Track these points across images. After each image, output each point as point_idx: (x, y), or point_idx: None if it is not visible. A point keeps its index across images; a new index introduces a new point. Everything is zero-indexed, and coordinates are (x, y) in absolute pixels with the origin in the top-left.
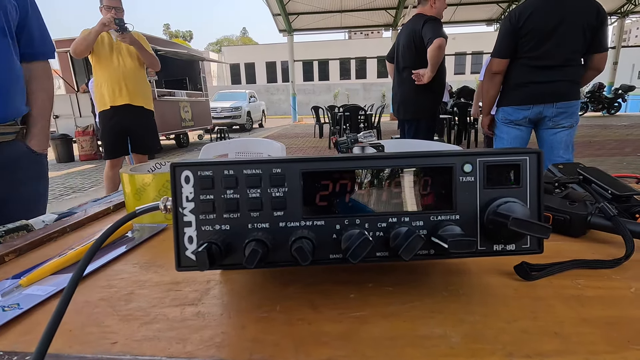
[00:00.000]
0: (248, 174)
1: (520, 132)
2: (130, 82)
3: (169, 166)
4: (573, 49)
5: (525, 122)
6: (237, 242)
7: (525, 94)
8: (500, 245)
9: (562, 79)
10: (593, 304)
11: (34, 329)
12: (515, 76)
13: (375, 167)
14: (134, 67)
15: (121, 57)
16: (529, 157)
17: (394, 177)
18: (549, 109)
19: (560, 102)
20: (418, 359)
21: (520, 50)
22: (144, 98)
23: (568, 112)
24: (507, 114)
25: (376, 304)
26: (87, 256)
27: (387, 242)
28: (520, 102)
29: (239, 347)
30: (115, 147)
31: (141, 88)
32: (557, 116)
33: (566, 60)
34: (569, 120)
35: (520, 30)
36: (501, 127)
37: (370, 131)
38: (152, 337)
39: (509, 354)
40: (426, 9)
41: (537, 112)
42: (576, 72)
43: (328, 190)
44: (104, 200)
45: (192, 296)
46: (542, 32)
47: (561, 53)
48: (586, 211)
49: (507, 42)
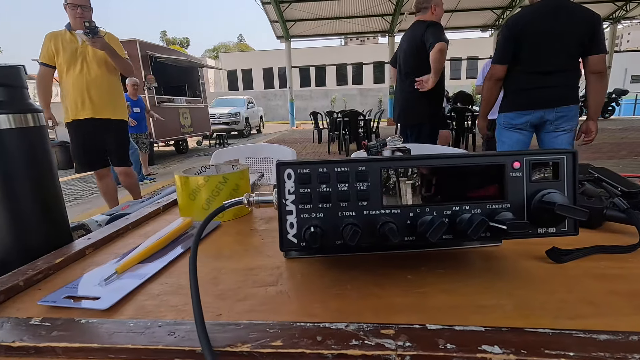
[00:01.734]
0: (338, 171)
1: (522, 137)
2: (96, 92)
3: (275, 165)
4: (569, 55)
5: (527, 126)
6: (329, 227)
7: (526, 99)
8: (544, 228)
9: (560, 84)
10: (617, 280)
11: (142, 305)
12: (515, 82)
13: (441, 165)
14: (101, 75)
15: (86, 64)
16: (566, 156)
17: (457, 173)
18: (550, 113)
19: (560, 106)
20: (481, 321)
21: (519, 56)
22: (112, 108)
23: (568, 115)
24: (509, 119)
25: (433, 282)
26: (199, 231)
27: (452, 227)
28: (522, 107)
29: (327, 315)
30: (82, 160)
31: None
32: (557, 120)
33: (563, 66)
34: (569, 123)
35: (518, 38)
36: (503, 132)
37: (397, 136)
38: (250, 310)
39: (555, 317)
40: (427, 15)
41: (539, 117)
42: (574, 77)
43: (402, 184)
44: (150, 201)
45: (269, 279)
46: (538, 39)
47: (558, 59)
48: (602, 205)
49: (505, 49)
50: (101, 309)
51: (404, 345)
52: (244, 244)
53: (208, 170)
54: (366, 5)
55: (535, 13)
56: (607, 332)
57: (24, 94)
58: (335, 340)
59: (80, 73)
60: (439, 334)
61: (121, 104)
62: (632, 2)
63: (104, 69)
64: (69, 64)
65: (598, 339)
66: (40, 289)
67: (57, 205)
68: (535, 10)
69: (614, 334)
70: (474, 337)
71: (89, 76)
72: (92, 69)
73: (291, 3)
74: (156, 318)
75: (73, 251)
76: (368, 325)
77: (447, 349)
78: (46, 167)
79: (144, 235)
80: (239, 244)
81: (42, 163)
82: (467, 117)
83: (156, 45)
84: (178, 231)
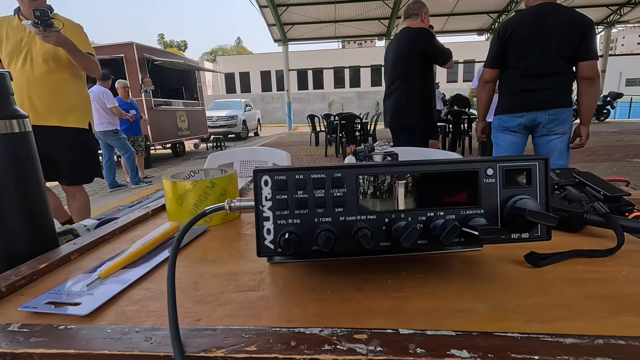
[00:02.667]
0: (315, 177)
1: (516, 139)
2: (37, 94)
3: (252, 172)
4: (561, 59)
5: (520, 129)
6: (305, 233)
7: (518, 101)
8: (517, 234)
9: (552, 87)
10: (592, 284)
11: (123, 310)
12: (508, 85)
13: (416, 171)
14: (46, 72)
15: (30, 58)
16: (538, 163)
17: (431, 179)
18: (542, 115)
19: (551, 109)
20: (456, 325)
21: (510, 60)
22: (60, 114)
23: (560, 119)
24: (502, 122)
25: (412, 286)
26: (178, 238)
27: (426, 232)
28: (514, 110)
29: (305, 320)
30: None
31: (56, 101)
32: (549, 123)
33: (554, 69)
34: (562, 127)
35: (508, 42)
36: (497, 134)
37: (385, 141)
38: (230, 315)
39: (528, 320)
40: (416, 22)
41: (531, 119)
42: (565, 81)
43: (378, 190)
44: (139, 205)
45: (251, 284)
46: (528, 43)
47: (548, 62)
48: (582, 209)
49: (496, 54)
50: (81, 314)
51: (375, 350)
52: (229, 249)
53: (197, 174)
54: (363, 9)
55: (527, 17)
56: (574, 336)
57: (10, 100)
58: (308, 345)
59: (22, 68)
60: (410, 338)
61: (79, 109)
62: (625, 6)
63: (53, 66)
64: (10, 57)
65: (564, 342)
66: (23, 295)
67: (42, 211)
68: (527, 14)
69: (580, 338)
70: (444, 341)
71: (31, 73)
72: (37, 64)
73: (288, 7)
74: (135, 324)
75: (58, 256)
76: (342, 330)
77: (416, 353)
78: (32, 173)
79: (131, 240)
80: (224, 248)
81: (28, 169)
82: (464, 120)
83: (153, 48)
84: (165, 236)
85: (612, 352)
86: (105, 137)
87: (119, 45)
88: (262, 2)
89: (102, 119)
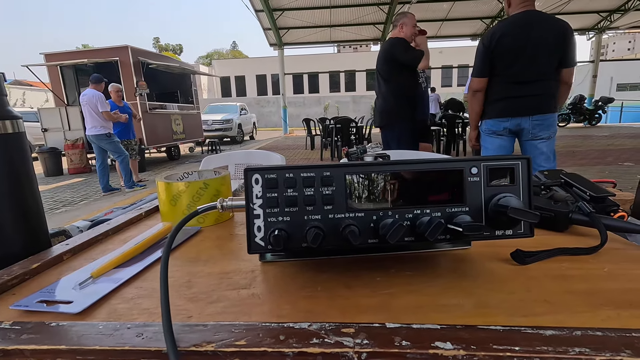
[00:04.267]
0: (304, 176)
1: (503, 142)
2: None
3: (243, 171)
4: (544, 66)
5: (506, 132)
6: (295, 231)
7: (503, 107)
8: (501, 230)
9: (536, 94)
10: (574, 280)
11: (115, 308)
12: (494, 91)
13: (402, 170)
14: None
15: None
16: (520, 162)
17: (418, 178)
18: (526, 121)
19: (535, 114)
20: (441, 319)
21: (496, 68)
22: None
23: (544, 124)
24: (489, 126)
25: (400, 283)
26: (171, 236)
27: (413, 229)
28: (499, 115)
29: (296, 316)
30: None
31: None
32: (534, 128)
33: (538, 76)
34: (546, 131)
35: (493, 51)
36: (485, 137)
37: (377, 143)
38: (221, 312)
39: (511, 315)
40: (395, 32)
41: (516, 124)
42: (550, 87)
43: (366, 188)
44: (133, 207)
45: (243, 282)
46: (512, 52)
47: (533, 70)
48: (568, 209)
49: (483, 63)
50: (73, 312)
51: (362, 342)
52: (222, 249)
53: (190, 176)
54: (358, 14)
55: (510, 26)
56: (554, 328)
57: (3, 100)
58: (297, 339)
59: None
60: (396, 331)
61: None
62: (616, 13)
63: None
64: None
65: (544, 334)
66: (15, 294)
67: (35, 212)
68: (510, 23)
69: (559, 330)
70: (429, 334)
71: None
72: None
73: (284, 11)
74: (127, 321)
75: (50, 256)
76: (330, 324)
77: (402, 345)
78: (25, 174)
79: (123, 240)
80: (217, 248)
81: (21, 170)
82: (458, 124)
83: (148, 51)
84: (158, 236)
85: (589, 342)
86: (98, 141)
87: (114, 49)
88: (257, 6)
89: (94, 122)
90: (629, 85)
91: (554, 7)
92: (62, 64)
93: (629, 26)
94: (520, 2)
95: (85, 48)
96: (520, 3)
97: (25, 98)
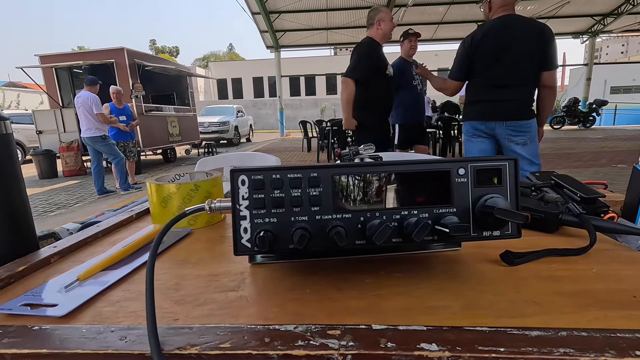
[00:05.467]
0: (291, 177)
1: (483, 144)
2: None
3: (229, 172)
4: (524, 69)
5: (483, 134)
6: (282, 232)
7: (479, 110)
8: (488, 231)
9: (512, 99)
10: (563, 281)
11: (100, 311)
12: (472, 93)
13: (390, 171)
14: None
15: None
16: (508, 163)
17: (405, 179)
18: (500, 126)
19: (509, 120)
20: (428, 322)
21: (476, 70)
22: None
23: (518, 130)
24: (468, 127)
25: (389, 285)
26: (158, 237)
27: (401, 231)
28: (475, 118)
29: (283, 318)
30: None
31: None
32: (509, 134)
33: (517, 80)
34: (521, 137)
35: (474, 54)
36: (467, 139)
37: (370, 144)
38: (208, 314)
39: (499, 316)
40: (372, 32)
41: (491, 128)
42: (528, 92)
43: (353, 189)
44: (124, 209)
45: (231, 284)
46: (493, 54)
47: (512, 73)
48: (558, 210)
49: (460, 66)
50: (58, 315)
51: (347, 344)
52: (212, 251)
53: (182, 178)
54: (354, 17)
55: (491, 29)
56: (540, 329)
57: None
58: (282, 341)
59: None
60: (382, 333)
61: None
62: (609, 16)
63: None
64: None
65: (530, 335)
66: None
67: (23, 214)
68: (491, 27)
69: (545, 331)
70: (415, 336)
71: None
72: None
73: (281, 14)
74: (112, 324)
75: (37, 259)
76: (316, 326)
77: (387, 347)
78: (12, 175)
79: (113, 243)
80: (207, 250)
81: (9, 171)
82: (454, 126)
83: (144, 53)
84: (147, 238)
85: (574, 343)
86: (93, 143)
87: (110, 51)
88: (254, 9)
89: (89, 124)
90: (623, 88)
91: (548, 10)
92: (57, 66)
93: (622, 30)
94: (500, 7)
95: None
96: (500, 7)
97: (19, 100)
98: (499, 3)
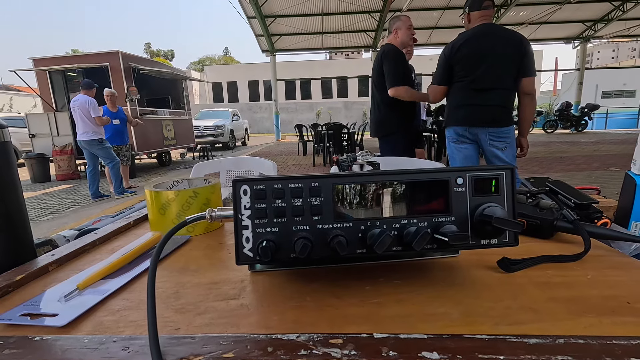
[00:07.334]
0: (293, 187)
1: (467, 151)
2: None
3: (227, 179)
4: (502, 74)
5: (468, 140)
6: (284, 241)
7: (462, 116)
8: (486, 240)
9: (492, 103)
10: (558, 287)
11: (101, 321)
12: (454, 98)
13: (389, 180)
14: None
15: None
16: (505, 172)
17: (404, 188)
18: (483, 132)
19: (491, 127)
20: (427, 329)
21: (457, 75)
22: None
23: (499, 135)
24: (452, 133)
25: (388, 292)
26: (159, 247)
27: (400, 239)
28: (458, 123)
29: (284, 327)
30: None
31: None
32: (491, 139)
33: (496, 84)
34: (502, 143)
35: (453, 60)
36: (450, 145)
37: (367, 151)
38: (209, 323)
39: (496, 323)
40: (390, 38)
41: (474, 133)
42: (507, 97)
43: (354, 199)
44: (121, 215)
45: (232, 293)
46: (473, 58)
47: (491, 77)
48: (553, 217)
49: (441, 72)
50: (58, 325)
51: (349, 353)
52: (211, 258)
53: (180, 184)
54: (350, 21)
55: (470, 37)
56: (537, 337)
57: None
58: (285, 350)
59: None
60: (384, 342)
61: None
62: (600, 22)
63: None
64: None
65: (529, 342)
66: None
67: (20, 221)
68: (471, 35)
69: (543, 338)
70: (416, 344)
71: None
72: None
73: (276, 18)
74: (114, 334)
75: (35, 267)
76: (318, 335)
77: (389, 356)
78: (10, 182)
79: (111, 250)
80: (206, 258)
81: (6, 179)
82: None
83: (139, 57)
84: (146, 246)
85: (572, 350)
86: (90, 147)
87: (104, 54)
88: (250, 13)
89: (86, 128)
90: (614, 92)
91: (540, 16)
92: (50, 69)
93: (612, 35)
94: (479, 17)
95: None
96: (479, 18)
97: (12, 103)
98: (477, 15)
